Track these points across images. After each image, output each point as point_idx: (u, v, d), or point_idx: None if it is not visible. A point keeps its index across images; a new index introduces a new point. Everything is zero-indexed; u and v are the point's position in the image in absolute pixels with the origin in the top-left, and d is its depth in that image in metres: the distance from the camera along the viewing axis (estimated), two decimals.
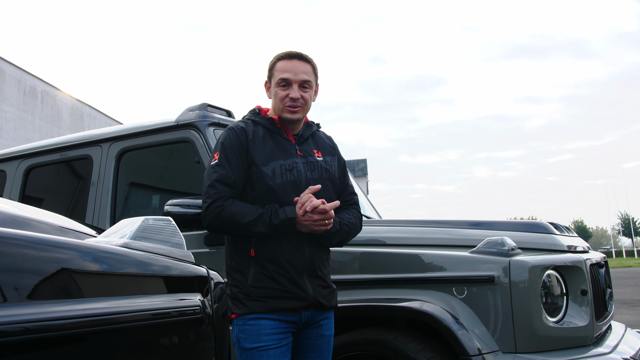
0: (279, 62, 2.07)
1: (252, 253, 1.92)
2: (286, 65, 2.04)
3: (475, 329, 2.18)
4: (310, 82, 2.07)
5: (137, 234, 1.07)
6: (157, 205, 3.28)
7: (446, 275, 2.30)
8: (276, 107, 2.06)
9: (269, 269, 1.91)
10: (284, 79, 2.02)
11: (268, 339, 1.86)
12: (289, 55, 2.07)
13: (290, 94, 2.01)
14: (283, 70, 2.04)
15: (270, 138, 2.04)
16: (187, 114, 2.85)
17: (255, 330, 1.86)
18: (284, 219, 1.87)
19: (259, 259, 1.92)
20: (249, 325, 1.88)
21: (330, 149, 2.20)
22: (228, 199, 1.91)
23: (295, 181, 1.98)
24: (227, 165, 1.95)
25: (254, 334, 1.86)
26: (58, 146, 3.30)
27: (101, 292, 0.92)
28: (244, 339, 1.87)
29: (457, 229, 2.69)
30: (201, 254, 2.45)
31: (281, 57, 2.08)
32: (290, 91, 2.02)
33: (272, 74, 2.08)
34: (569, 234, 2.84)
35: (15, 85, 16.60)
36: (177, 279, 1.11)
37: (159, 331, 1.01)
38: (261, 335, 1.86)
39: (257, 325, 1.87)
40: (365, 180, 36.29)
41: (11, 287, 0.78)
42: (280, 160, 1.99)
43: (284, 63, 2.05)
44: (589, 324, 2.27)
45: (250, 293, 1.90)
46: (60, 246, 0.91)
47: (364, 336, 2.31)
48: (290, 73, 2.03)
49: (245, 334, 1.87)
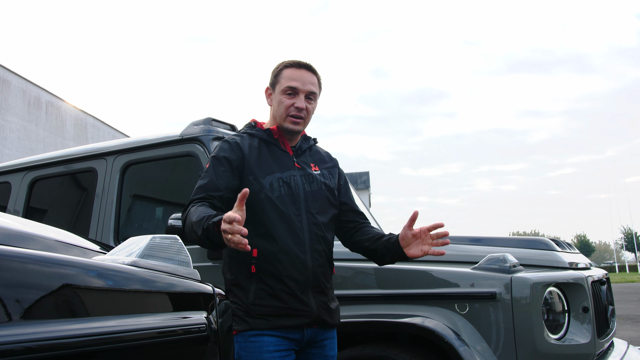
0: (286, 70, 1.99)
1: (253, 270, 1.84)
2: (295, 74, 1.97)
3: (477, 345, 2.18)
4: (316, 94, 2.01)
5: (145, 252, 1.08)
6: (160, 217, 3.29)
7: (448, 292, 2.31)
8: (278, 115, 1.98)
9: (272, 286, 1.83)
10: (291, 87, 1.95)
11: (270, 356, 1.79)
12: (298, 64, 2.00)
13: (296, 103, 1.94)
14: (291, 79, 1.96)
15: (267, 150, 1.97)
16: (192, 128, 2.88)
17: (257, 348, 1.80)
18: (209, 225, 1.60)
19: (260, 276, 1.84)
20: (250, 342, 1.81)
21: (329, 162, 2.14)
22: (196, 203, 1.80)
23: (292, 194, 1.91)
24: (213, 174, 1.88)
25: (255, 351, 1.80)
26: (63, 158, 3.33)
27: (107, 310, 0.93)
28: (245, 357, 1.80)
29: (458, 244, 2.70)
30: (204, 268, 2.46)
31: (289, 64, 2.01)
32: (297, 100, 1.95)
33: (277, 80, 2.00)
34: (571, 251, 2.85)
35: (20, 95, 16.71)
36: (182, 297, 1.12)
37: (165, 349, 1.02)
38: (263, 353, 1.79)
39: (259, 342, 1.80)
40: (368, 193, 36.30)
41: (15, 305, 0.78)
42: (277, 173, 1.92)
43: (292, 71, 1.98)
44: (590, 341, 2.27)
45: (252, 311, 1.83)
46: (66, 264, 0.93)
47: (365, 352, 2.31)
48: (298, 82, 1.96)
49: (246, 352, 1.80)
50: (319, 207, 1.93)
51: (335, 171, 2.13)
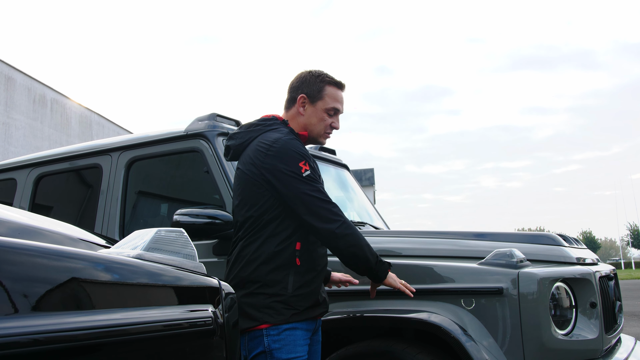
0: (330, 88, 2.05)
1: (298, 262, 1.90)
2: (338, 95, 2.06)
3: (484, 340, 2.17)
4: None
5: (150, 246, 1.08)
6: (165, 214, 3.29)
7: (454, 287, 2.29)
8: (315, 130, 2.05)
9: (308, 278, 1.93)
10: (336, 109, 2.05)
11: (302, 349, 1.87)
12: (341, 84, 2.08)
13: (334, 123, 2.06)
14: (336, 100, 2.05)
15: None
16: (197, 123, 2.88)
17: (292, 340, 1.85)
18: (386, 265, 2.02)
19: (301, 268, 1.91)
20: (285, 335, 1.85)
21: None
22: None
23: None
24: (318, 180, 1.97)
25: (291, 344, 1.85)
26: (68, 155, 3.33)
27: (113, 303, 0.93)
28: (278, 350, 1.83)
29: (465, 240, 2.68)
30: (210, 263, 2.46)
31: (334, 82, 2.07)
32: (335, 120, 2.07)
33: (321, 97, 2.04)
34: (578, 246, 2.83)
35: (26, 93, 16.77)
36: (188, 290, 1.12)
37: (171, 342, 1.01)
38: (297, 346, 1.86)
39: (294, 335, 1.86)
40: (373, 189, 36.23)
41: (22, 297, 0.78)
42: None
43: (336, 91, 2.06)
44: (598, 337, 2.26)
45: (292, 302, 1.87)
46: (73, 257, 0.92)
47: (371, 347, 2.30)
48: (342, 105, 2.07)
49: (281, 344, 1.84)
50: None
51: None
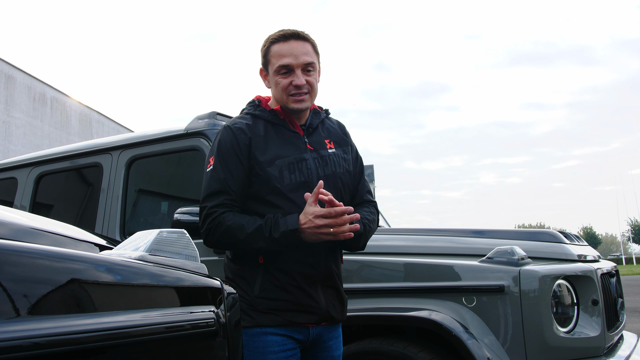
0: (274, 46, 1.79)
1: (261, 260, 1.70)
2: (283, 49, 1.76)
3: (485, 338, 2.17)
4: (314, 63, 1.79)
5: (152, 247, 1.08)
6: (166, 212, 3.29)
7: (456, 285, 2.29)
8: (279, 97, 1.79)
9: (279, 279, 1.70)
10: (284, 66, 1.75)
11: (275, 357, 1.66)
12: (284, 36, 1.78)
13: (294, 81, 1.74)
14: (281, 55, 1.76)
15: (275, 132, 1.79)
16: (197, 122, 2.87)
17: (261, 348, 1.67)
18: (285, 230, 1.62)
19: (268, 268, 1.70)
20: (253, 341, 1.68)
21: (343, 137, 1.93)
22: (224, 213, 1.68)
23: (305, 182, 1.74)
24: (223, 170, 1.71)
25: (259, 351, 1.66)
26: (69, 154, 3.33)
27: (115, 305, 0.92)
28: (247, 356, 1.66)
29: (466, 237, 2.68)
30: (210, 262, 2.46)
31: (275, 39, 1.79)
32: (294, 78, 1.75)
33: (267, 60, 1.80)
34: (579, 243, 2.82)
35: (25, 91, 16.76)
36: (191, 291, 1.12)
37: (174, 344, 1.01)
38: (267, 354, 1.66)
39: (264, 342, 1.67)
40: (373, 186, 36.27)
41: (24, 300, 0.78)
42: (287, 158, 1.75)
43: (280, 46, 1.77)
44: (600, 334, 2.26)
45: (257, 304, 1.69)
46: (75, 259, 0.92)
47: (373, 346, 2.30)
48: (290, 57, 1.75)
49: (249, 350, 1.66)
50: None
51: (349, 150, 1.94)
